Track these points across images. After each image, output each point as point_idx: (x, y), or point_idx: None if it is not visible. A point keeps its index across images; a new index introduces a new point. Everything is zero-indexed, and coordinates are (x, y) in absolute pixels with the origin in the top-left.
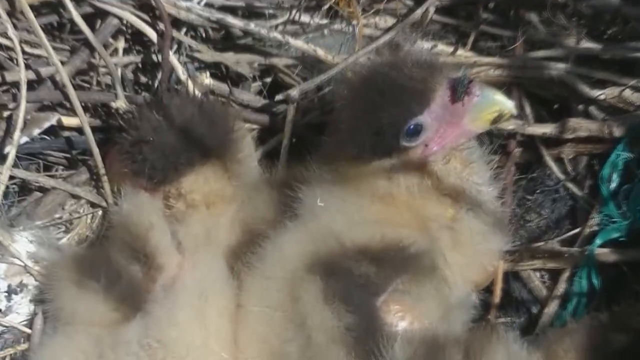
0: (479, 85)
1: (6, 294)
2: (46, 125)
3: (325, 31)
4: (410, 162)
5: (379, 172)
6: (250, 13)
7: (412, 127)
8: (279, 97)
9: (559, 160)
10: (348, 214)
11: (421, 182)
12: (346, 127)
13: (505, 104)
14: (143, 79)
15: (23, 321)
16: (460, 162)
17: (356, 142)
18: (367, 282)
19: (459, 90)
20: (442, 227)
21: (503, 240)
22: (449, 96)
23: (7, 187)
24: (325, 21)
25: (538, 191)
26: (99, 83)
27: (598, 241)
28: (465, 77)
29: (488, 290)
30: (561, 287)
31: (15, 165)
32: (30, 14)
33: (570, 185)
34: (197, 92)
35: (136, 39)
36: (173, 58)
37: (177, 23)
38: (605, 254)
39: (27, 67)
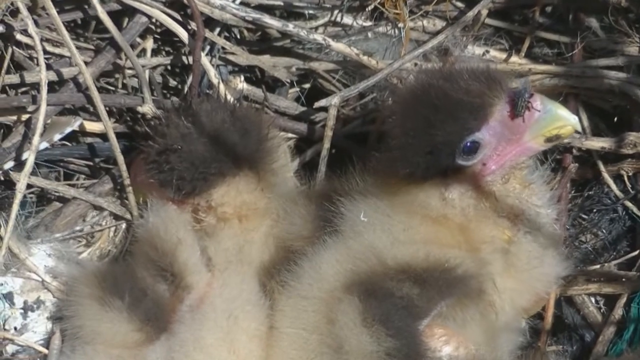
0: (540, 99)
1: (22, 310)
2: (67, 130)
3: (369, 34)
4: (466, 181)
5: (433, 192)
6: (289, 13)
7: (469, 144)
8: (318, 104)
9: (617, 177)
10: (394, 232)
11: (478, 203)
12: (397, 144)
13: (569, 119)
14: (172, 82)
15: (39, 340)
16: (519, 182)
17: (408, 161)
18: (409, 305)
19: (519, 105)
20: (495, 250)
21: (560, 266)
22: (508, 111)
23: (25, 196)
24: (369, 23)
25: (595, 210)
26: (124, 86)
27: None
28: (526, 90)
29: (539, 315)
30: (617, 314)
31: (33, 173)
32: (53, 10)
33: (630, 205)
34: (229, 97)
35: (166, 39)
36: (205, 60)
37: (210, 22)
38: None
39: (48, 67)
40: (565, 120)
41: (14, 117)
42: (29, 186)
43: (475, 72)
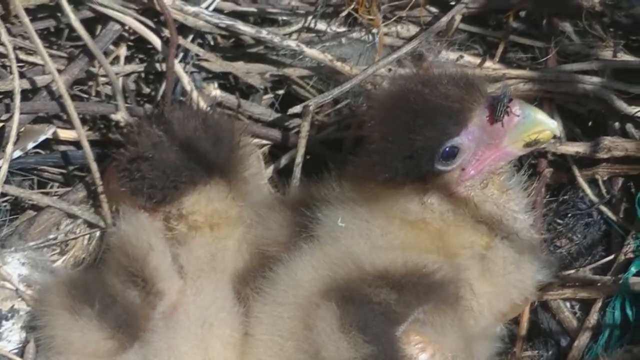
0: (519, 104)
1: None
2: (41, 138)
3: (343, 40)
4: (445, 186)
5: (412, 197)
6: (263, 19)
7: (448, 149)
8: (292, 110)
9: (592, 181)
10: (372, 238)
11: (457, 208)
12: (376, 149)
13: (548, 124)
14: (146, 90)
15: (14, 349)
16: (497, 187)
17: (387, 165)
18: (387, 310)
19: (498, 110)
20: (473, 255)
21: (538, 272)
22: (487, 116)
23: None
24: (343, 29)
25: (570, 215)
26: (98, 93)
27: (633, 269)
28: (506, 95)
29: (515, 321)
30: (593, 319)
31: (7, 182)
32: (26, 19)
33: (605, 209)
34: (203, 104)
35: (139, 46)
36: (178, 67)
37: (183, 29)
38: None
39: (22, 75)
40: (544, 125)
41: None
42: (2, 195)
43: (454, 78)
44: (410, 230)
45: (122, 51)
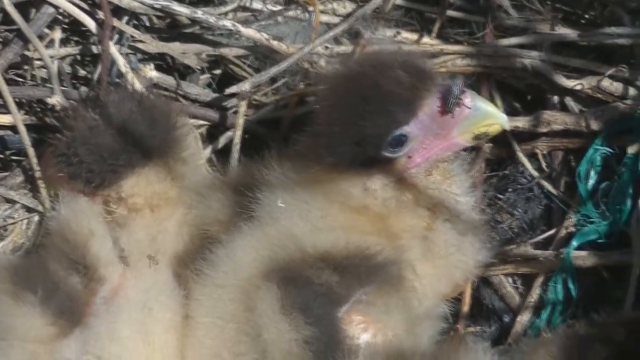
0: (471, 96)
1: None
2: None
3: (279, 18)
4: (390, 173)
5: (355, 182)
6: None
7: (396, 137)
8: (229, 90)
9: (532, 156)
10: (311, 219)
11: (400, 195)
12: (323, 132)
13: (498, 117)
14: (82, 73)
15: None
16: (441, 173)
17: (334, 150)
18: (329, 292)
19: (450, 101)
20: (415, 237)
21: (479, 253)
22: (438, 106)
23: None
24: (279, 7)
25: (510, 190)
26: (33, 77)
27: (575, 243)
28: (458, 86)
29: (457, 298)
30: (535, 294)
31: None
32: None
33: (545, 183)
34: (139, 86)
35: (74, 29)
36: (114, 49)
37: (118, 11)
38: (582, 258)
39: None
40: (494, 119)
41: None
42: None
43: (407, 64)
44: (350, 213)
45: (57, 34)
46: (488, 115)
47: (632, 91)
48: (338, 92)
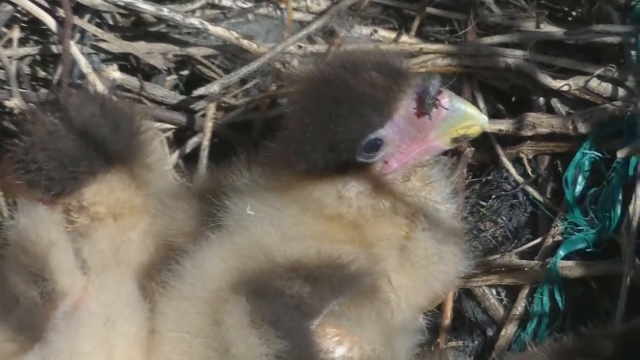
0: (449, 96)
1: None
2: None
3: (250, 16)
4: (365, 179)
5: (329, 189)
6: None
7: (371, 141)
8: (197, 92)
9: (517, 160)
10: (283, 227)
11: (376, 203)
12: (294, 138)
13: (478, 118)
14: (41, 74)
15: None
16: (419, 179)
17: (306, 156)
18: (300, 304)
19: (426, 102)
20: (391, 246)
21: (461, 263)
22: (414, 108)
23: None
24: (249, 5)
25: (493, 196)
26: None
27: (562, 253)
28: (435, 87)
29: (438, 310)
30: (520, 306)
31: None
32: None
33: (530, 189)
34: (102, 87)
35: (33, 27)
36: (75, 49)
37: (79, 9)
38: (570, 268)
39: None
40: (474, 120)
41: None
42: None
43: (381, 64)
44: (323, 221)
45: (15, 33)
46: (467, 116)
47: (621, 92)
48: (309, 95)
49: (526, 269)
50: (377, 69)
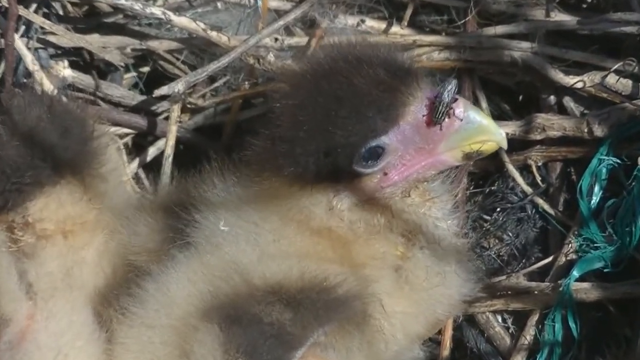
0: (464, 105)
1: None
2: None
3: (219, 4)
4: (361, 191)
5: (318, 199)
6: None
7: (371, 149)
8: (159, 92)
9: (525, 168)
10: (261, 243)
11: (371, 218)
12: (284, 137)
13: (495, 133)
14: None
15: None
16: (420, 195)
17: (296, 158)
18: (281, 332)
19: (439, 110)
20: (385, 266)
21: (465, 285)
22: (424, 115)
23: None
24: None
25: (498, 209)
26: None
27: (576, 273)
28: (450, 93)
29: (435, 340)
30: (529, 335)
31: None
32: None
33: (540, 201)
34: (50, 87)
35: None
36: (20, 43)
37: None
38: (585, 290)
39: None
40: (490, 135)
41: None
42: None
43: (389, 61)
44: (309, 236)
45: None
46: (482, 130)
47: None
48: (305, 91)
49: (536, 292)
50: (385, 66)
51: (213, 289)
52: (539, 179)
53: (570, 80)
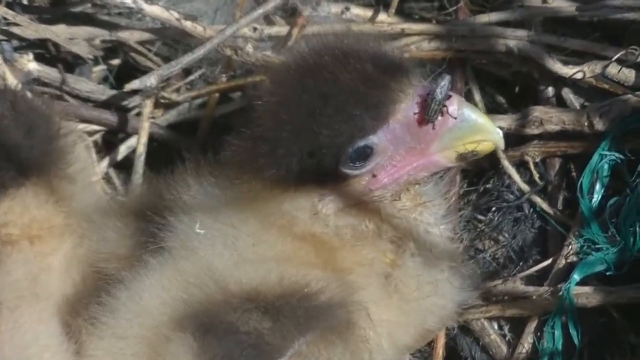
0: (459, 103)
1: None
2: None
3: None
4: (348, 195)
5: (302, 203)
6: None
7: (359, 149)
8: (130, 85)
9: (521, 165)
10: (239, 248)
11: (358, 223)
12: (265, 137)
13: (491, 132)
14: None
15: None
16: (411, 198)
17: (279, 159)
18: (259, 342)
19: (431, 108)
20: (372, 274)
21: (460, 294)
22: (416, 113)
23: None
24: None
25: (494, 209)
26: None
27: (577, 277)
28: (443, 89)
29: (428, 347)
30: (527, 342)
31: None
32: None
33: (538, 200)
34: (14, 82)
35: None
36: None
37: None
38: (586, 295)
39: None
40: (486, 134)
41: None
42: None
43: (378, 55)
44: (291, 240)
45: None
46: (478, 129)
47: None
48: (288, 87)
49: (534, 297)
50: (374, 61)
51: (187, 297)
52: (536, 176)
53: (569, 70)
